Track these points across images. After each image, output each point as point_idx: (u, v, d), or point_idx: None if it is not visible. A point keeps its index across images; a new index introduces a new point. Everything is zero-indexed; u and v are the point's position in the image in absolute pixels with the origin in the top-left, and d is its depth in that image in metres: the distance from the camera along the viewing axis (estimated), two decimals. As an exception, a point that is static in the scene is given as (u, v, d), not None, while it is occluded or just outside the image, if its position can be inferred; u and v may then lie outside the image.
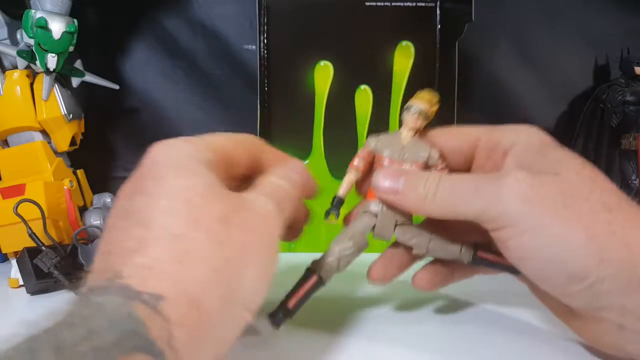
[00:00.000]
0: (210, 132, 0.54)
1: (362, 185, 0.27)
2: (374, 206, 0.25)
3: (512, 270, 0.24)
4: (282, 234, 0.21)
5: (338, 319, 0.29)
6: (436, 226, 0.25)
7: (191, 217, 0.18)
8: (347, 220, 0.27)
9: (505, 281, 0.27)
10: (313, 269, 0.25)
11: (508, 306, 0.31)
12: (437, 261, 0.27)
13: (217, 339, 0.17)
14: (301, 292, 0.24)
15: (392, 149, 0.25)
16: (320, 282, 0.25)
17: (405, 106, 0.25)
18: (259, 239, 0.19)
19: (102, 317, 0.14)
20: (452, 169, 0.26)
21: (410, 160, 0.25)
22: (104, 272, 0.17)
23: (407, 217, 0.25)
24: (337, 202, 0.26)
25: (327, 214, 0.26)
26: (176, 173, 0.19)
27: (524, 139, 0.23)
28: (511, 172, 0.21)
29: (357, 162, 0.26)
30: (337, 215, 0.26)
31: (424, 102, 0.25)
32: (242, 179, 0.24)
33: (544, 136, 0.23)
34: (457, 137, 0.26)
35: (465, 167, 0.26)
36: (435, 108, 0.25)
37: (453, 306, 0.31)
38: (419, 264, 0.28)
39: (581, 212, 0.20)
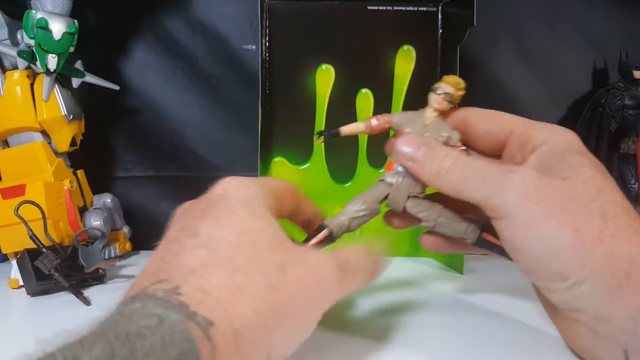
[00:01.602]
0: (210, 131, 0.54)
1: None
2: (390, 177, 0.26)
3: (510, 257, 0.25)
4: (330, 305, 0.21)
5: (341, 319, 0.29)
6: (448, 200, 0.26)
7: (254, 257, 0.19)
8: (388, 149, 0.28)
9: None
10: (325, 225, 0.26)
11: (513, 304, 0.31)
12: None
13: None
14: (312, 242, 0.25)
15: (414, 126, 0.26)
16: (331, 238, 0.26)
17: (432, 87, 0.26)
18: (307, 296, 0.19)
19: (164, 332, 0.15)
20: (483, 152, 0.27)
21: (430, 138, 0.26)
22: (161, 282, 0.17)
23: (420, 191, 0.26)
24: (334, 133, 0.27)
25: (320, 134, 0.27)
26: (248, 213, 0.20)
27: (553, 141, 0.24)
28: (520, 169, 0.22)
29: (374, 122, 0.27)
30: (325, 140, 0.27)
31: (451, 85, 0.26)
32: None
33: (575, 141, 0.24)
34: (494, 121, 0.27)
35: (496, 152, 0.27)
36: (461, 93, 0.26)
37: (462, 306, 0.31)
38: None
39: (576, 217, 0.21)
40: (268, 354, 0.19)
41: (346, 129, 0.27)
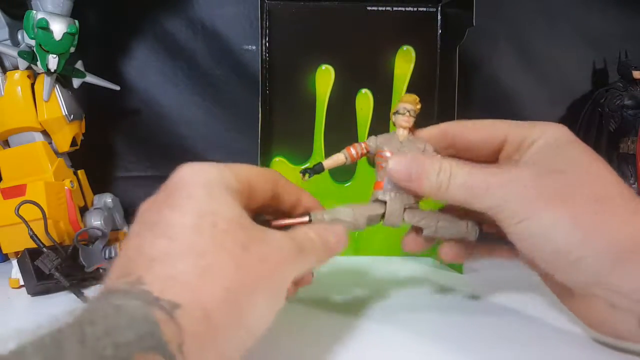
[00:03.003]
0: (210, 131, 0.55)
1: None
2: (382, 195, 0.27)
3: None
4: (292, 278, 0.22)
5: (342, 323, 0.29)
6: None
7: (216, 238, 0.19)
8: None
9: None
10: (310, 215, 0.26)
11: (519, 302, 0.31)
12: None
13: (220, 354, 0.18)
14: (286, 221, 0.25)
15: (391, 145, 0.27)
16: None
17: (394, 110, 0.28)
18: (272, 271, 0.20)
19: (121, 317, 0.15)
20: (478, 160, 0.27)
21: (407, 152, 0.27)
22: (124, 276, 0.18)
23: (414, 201, 0.27)
24: (318, 168, 0.28)
25: (304, 172, 0.28)
26: (205, 195, 0.20)
27: (547, 136, 0.25)
28: (518, 171, 0.24)
29: (353, 150, 0.28)
30: (310, 177, 0.28)
31: (410, 103, 0.28)
32: (258, 210, 0.25)
33: (568, 135, 0.25)
34: (486, 129, 0.27)
35: (492, 158, 0.28)
36: (419, 106, 0.28)
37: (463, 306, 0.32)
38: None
39: (573, 204, 0.22)
40: (247, 328, 0.19)
41: (329, 163, 0.28)
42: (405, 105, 0.28)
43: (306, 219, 0.26)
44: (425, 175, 0.25)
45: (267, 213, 0.26)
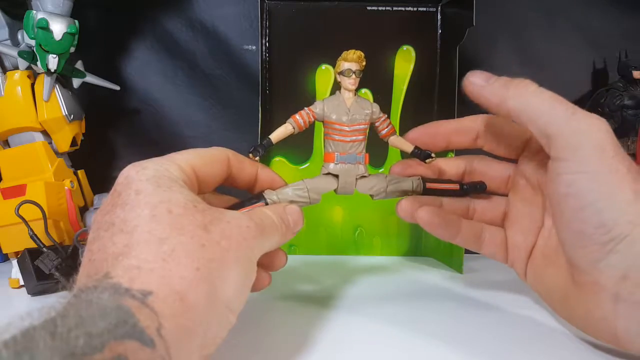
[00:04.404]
0: (210, 131, 0.55)
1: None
2: (334, 167, 0.27)
3: (460, 194, 0.29)
4: (258, 254, 0.22)
5: (331, 319, 0.29)
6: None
7: (174, 223, 0.19)
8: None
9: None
10: (264, 196, 0.26)
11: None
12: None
13: (204, 333, 0.18)
14: (245, 209, 0.26)
15: (339, 111, 0.27)
16: None
17: (339, 70, 0.27)
18: (237, 246, 0.20)
19: (93, 309, 0.15)
20: (501, 154, 0.29)
21: (359, 120, 0.27)
22: (91, 276, 0.18)
23: (364, 171, 0.28)
24: (266, 143, 0.27)
25: (252, 150, 0.27)
26: (154, 187, 0.20)
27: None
28: (596, 117, 0.23)
29: (299, 118, 0.27)
30: (259, 155, 0.26)
31: (355, 62, 0.27)
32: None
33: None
34: (514, 125, 0.28)
35: (514, 154, 0.29)
36: (364, 63, 0.27)
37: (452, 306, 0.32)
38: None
39: (638, 180, 0.22)
40: (224, 303, 0.19)
41: (276, 135, 0.27)
42: (351, 65, 0.27)
43: (262, 202, 0.26)
44: (502, 81, 0.25)
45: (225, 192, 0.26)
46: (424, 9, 0.45)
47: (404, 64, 0.45)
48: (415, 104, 0.46)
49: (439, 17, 0.45)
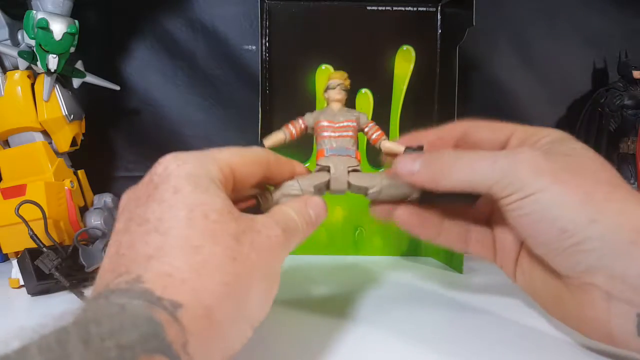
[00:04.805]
0: (210, 131, 0.55)
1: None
2: (325, 161, 0.27)
3: (461, 200, 0.26)
4: (282, 262, 0.22)
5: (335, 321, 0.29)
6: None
7: (208, 230, 0.19)
8: None
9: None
10: (256, 195, 0.26)
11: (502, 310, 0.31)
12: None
13: (225, 350, 0.18)
14: (240, 206, 0.25)
15: (326, 115, 0.28)
16: (257, 209, 0.26)
17: (325, 87, 0.29)
18: (265, 259, 0.20)
19: (126, 317, 0.15)
20: None
21: (342, 119, 0.28)
22: (121, 274, 0.17)
23: (356, 163, 0.28)
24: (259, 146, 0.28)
25: None
26: (192, 188, 0.20)
27: (552, 136, 0.25)
28: (527, 149, 0.24)
29: (291, 127, 0.29)
30: None
31: (339, 78, 0.29)
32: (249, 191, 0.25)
33: (569, 135, 0.25)
34: (494, 129, 0.28)
35: None
36: (348, 82, 0.29)
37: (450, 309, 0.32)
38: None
39: (585, 181, 0.22)
40: (247, 319, 0.19)
41: (270, 142, 0.28)
42: (335, 80, 0.29)
43: (253, 201, 0.26)
44: (431, 163, 0.25)
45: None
46: (424, 8, 0.45)
47: (404, 64, 0.45)
48: (415, 104, 0.46)
49: (439, 17, 0.45)
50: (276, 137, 0.28)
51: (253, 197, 0.26)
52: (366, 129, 0.29)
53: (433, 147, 0.28)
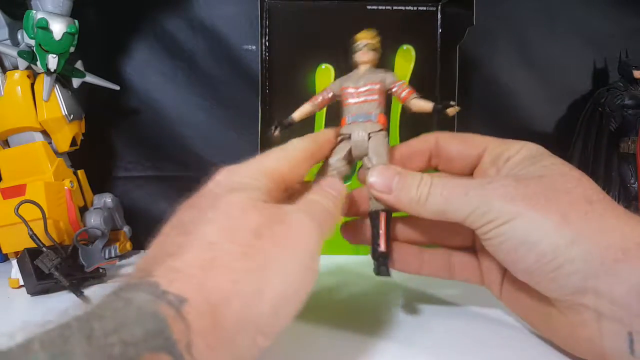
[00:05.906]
0: (210, 131, 0.54)
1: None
2: (345, 129, 0.27)
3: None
4: (319, 250, 0.21)
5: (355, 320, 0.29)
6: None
7: (226, 227, 0.19)
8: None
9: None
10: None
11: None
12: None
13: (232, 355, 0.17)
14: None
15: (351, 80, 0.28)
16: None
17: (352, 49, 0.28)
18: (290, 253, 0.19)
19: (130, 311, 0.15)
20: (455, 173, 0.27)
21: (364, 82, 0.27)
22: (141, 272, 0.18)
23: (379, 128, 0.27)
24: (288, 122, 0.28)
25: (275, 127, 0.28)
26: (228, 192, 0.20)
27: (523, 152, 0.24)
28: (498, 178, 0.24)
29: (319, 97, 0.29)
30: (279, 131, 0.28)
31: (366, 37, 0.28)
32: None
33: (543, 150, 0.25)
34: (467, 142, 0.27)
35: (468, 170, 0.27)
36: (378, 39, 0.28)
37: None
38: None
39: (560, 202, 0.21)
40: (258, 325, 0.18)
41: (298, 114, 0.28)
42: (362, 41, 0.28)
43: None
44: (406, 187, 0.24)
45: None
46: (424, 8, 0.45)
47: (404, 63, 0.45)
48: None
49: (439, 16, 0.45)
50: (304, 109, 0.29)
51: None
52: (394, 89, 0.28)
53: (408, 161, 0.28)
